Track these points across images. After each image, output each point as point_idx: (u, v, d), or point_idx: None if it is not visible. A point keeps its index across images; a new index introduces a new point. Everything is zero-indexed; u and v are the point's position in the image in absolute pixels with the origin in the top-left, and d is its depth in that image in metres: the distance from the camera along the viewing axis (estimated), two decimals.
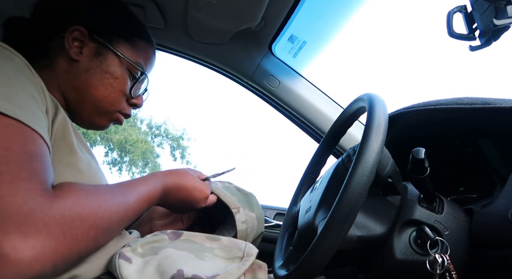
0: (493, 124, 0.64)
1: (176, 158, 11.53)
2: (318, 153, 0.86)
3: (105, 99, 0.68)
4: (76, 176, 0.54)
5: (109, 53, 0.68)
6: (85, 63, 0.66)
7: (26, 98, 0.48)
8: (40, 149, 0.46)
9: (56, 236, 0.40)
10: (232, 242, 0.58)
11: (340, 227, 0.49)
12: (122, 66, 0.69)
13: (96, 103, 0.68)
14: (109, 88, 0.68)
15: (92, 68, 0.67)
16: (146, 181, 0.60)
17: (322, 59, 1.29)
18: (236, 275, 0.50)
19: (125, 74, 0.69)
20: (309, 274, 0.53)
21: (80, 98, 0.67)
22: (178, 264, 0.49)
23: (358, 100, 0.71)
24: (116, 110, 0.71)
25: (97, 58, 0.67)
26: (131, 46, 0.71)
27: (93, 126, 0.73)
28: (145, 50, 0.74)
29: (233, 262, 0.53)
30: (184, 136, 11.74)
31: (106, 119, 0.72)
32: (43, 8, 0.69)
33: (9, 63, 0.51)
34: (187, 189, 0.66)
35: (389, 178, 0.62)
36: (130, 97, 0.73)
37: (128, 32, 0.71)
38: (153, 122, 11.94)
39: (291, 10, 0.97)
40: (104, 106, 0.69)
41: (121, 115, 0.74)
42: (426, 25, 52.69)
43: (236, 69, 1.18)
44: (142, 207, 0.56)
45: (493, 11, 0.55)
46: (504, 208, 0.50)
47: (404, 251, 0.57)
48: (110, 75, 0.67)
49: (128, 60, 0.69)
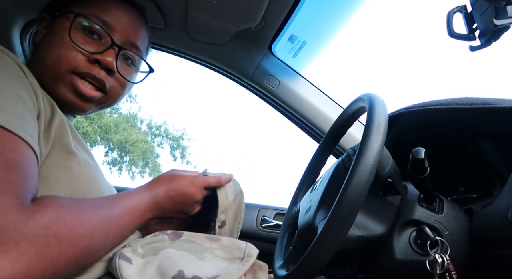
0: (493, 124, 0.64)
1: (176, 158, 11.53)
2: (318, 153, 0.86)
3: (51, 60, 0.62)
4: (73, 179, 0.53)
5: (57, 20, 0.66)
6: (41, 41, 0.67)
7: (11, 100, 0.45)
8: (21, 157, 0.42)
9: (28, 257, 0.36)
10: (233, 243, 0.58)
11: (340, 227, 0.49)
12: (68, 21, 0.63)
13: (47, 69, 0.62)
14: (53, 48, 0.62)
15: (43, 41, 0.66)
16: (131, 194, 0.57)
17: (322, 59, 1.29)
18: (236, 276, 0.50)
19: (72, 26, 0.63)
20: (309, 274, 0.53)
21: (39, 73, 0.61)
22: (178, 265, 0.49)
23: (358, 100, 0.71)
24: (67, 69, 0.62)
25: (49, 31, 0.66)
26: (82, 3, 0.66)
27: (61, 102, 0.64)
28: (100, 3, 0.67)
29: (233, 262, 0.53)
30: (184, 136, 11.74)
31: (63, 86, 0.63)
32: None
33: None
34: (178, 190, 0.63)
35: (389, 178, 0.62)
36: (87, 52, 0.63)
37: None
38: (153, 122, 11.94)
39: (291, 10, 0.97)
40: (53, 68, 0.62)
41: (79, 80, 0.63)
42: (426, 25, 52.67)
43: (236, 69, 1.18)
44: (129, 221, 0.54)
45: (493, 11, 0.55)
46: (504, 208, 0.50)
47: (404, 251, 0.57)
48: (53, 36, 0.63)
49: (70, 11, 0.63)
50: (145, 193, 0.59)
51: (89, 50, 0.63)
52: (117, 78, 0.68)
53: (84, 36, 0.63)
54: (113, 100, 0.71)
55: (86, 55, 0.63)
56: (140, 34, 0.71)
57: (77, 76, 0.63)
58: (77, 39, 0.62)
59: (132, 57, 0.71)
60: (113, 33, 0.66)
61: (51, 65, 0.62)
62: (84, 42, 0.63)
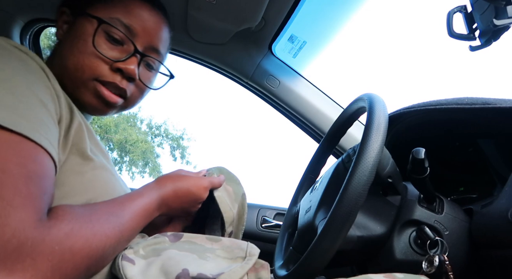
0: (493, 124, 0.64)
1: (176, 158, 11.55)
2: (318, 153, 0.86)
3: (74, 67, 0.61)
4: (88, 185, 0.53)
5: (80, 19, 0.63)
6: (63, 39, 0.65)
7: (34, 107, 0.45)
8: (42, 168, 0.42)
9: (43, 273, 0.37)
10: (234, 243, 0.58)
11: (340, 227, 0.49)
12: (90, 26, 0.62)
13: (69, 74, 0.61)
14: (76, 53, 0.61)
15: (65, 40, 0.64)
16: (141, 194, 0.57)
17: (322, 59, 1.29)
18: (240, 273, 0.50)
19: (96, 34, 0.61)
20: (309, 274, 0.53)
21: (60, 75, 0.61)
22: (182, 264, 0.49)
23: (358, 100, 0.71)
24: (90, 77, 0.61)
25: (71, 30, 0.64)
26: (105, 4, 0.64)
27: (83, 106, 0.64)
28: (124, 4, 0.65)
29: (235, 262, 0.53)
30: (184, 136, 11.75)
31: (86, 92, 0.62)
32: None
33: (21, 66, 0.48)
34: (185, 189, 0.64)
35: (389, 178, 0.62)
36: (109, 60, 0.62)
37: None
38: (153, 122, 11.95)
39: (291, 10, 0.97)
40: (75, 74, 0.61)
41: (101, 85, 0.63)
42: (426, 25, 52.64)
43: (236, 69, 1.18)
44: (139, 223, 0.54)
45: (493, 11, 0.55)
46: (504, 208, 0.50)
47: (404, 251, 0.57)
48: (77, 39, 0.61)
49: (93, 15, 0.62)
50: (153, 192, 0.59)
51: (111, 57, 0.62)
52: (137, 84, 0.68)
53: (107, 43, 0.63)
54: (131, 105, 0.71)
55: (109, 63, 0.62)
56: (163, 37, 0.70)
57: (100, 83, 0.63)
58: (101, 46, 0.62)
59: (153, 63, 0.71)
60: (136, 38, 0.65)
61: (74, 71, 0.61)
62: (107, 48, 0.62)
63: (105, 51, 0.62)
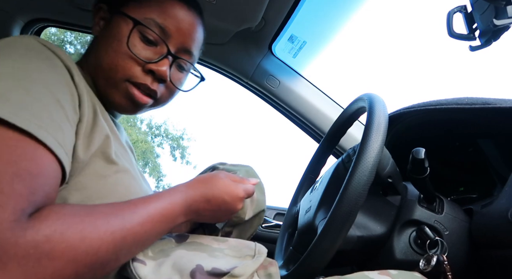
0: (493, 124, 0.64)
1: (176, 158, 11.54)
2: (318, 153, 0.86)
3: (107, 66, 0.61)
4: (110, 189, 0.52)
5: (115, 18, 0.63)
6: (98, 36, 0.65)
7: (49, 105, 0.44)
8: (37, 166, 0.40)
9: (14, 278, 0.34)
10: (241, 243, 0.57)
11: (340, 227, 0.49)
12: (125, 26, 0.61)
13: (102, 73, 0.62)
14: (110, 52, 0.61)
15: (100, 38, 0.64)
16: (162, 196, 0.52)
17: (322, 59, 1.29)
18: (253, 267, 0.50)
19: (128, 34, 0.61)
20: (309, 274, 0.53)
21: (93, 73, 0.62)
22: (195, 261, 0.49)
23: (358, 100, 0.71)
24: (123, 77, 0.61)
25: (106, 27, 0.64)
26: (141, 4, 0.64)
27: (113, 105, 0.64)
28: (159, 3, 0.64)
29: (244, 259, 0.53)
30: (184, 136, 11.74)
31: (117, 92, 0.63)
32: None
33: (44, 65, 0.48)
34: (218, 197, 0.57)
35: (389, 178, 0.62)
36: (142, 60, 0.62)
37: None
38: (153, 122, 11.95)
39: (291, 10, 0.97)
40: (108, 74, 0.61)
41: (133, 87, 0.62)
42: (426, 25, 52.63)
43: (236, 69, 1.18)
44: (154, 228, 0.49)
45: (493, 11, 0.55)
46: (504, 208, 0.50)
47: (404, 251, 0.57)
48: (112, 39, 0.61)
49: (128, 15, 0.61)
50: (177, 195, 0.54)
51: (144, 58, 0.62)
52: (167, 85, 0.68)
53: (141, 43, 0.62)
54: (161, 105, 0.71)
55: (142, 64, 0.62)
56: (196, 38, 0.70)
57: (132, 85, 0.63)
58: (135, 47, 0.61)
59: (184, 64, 0.70)
60: (169, 40, 0.64)
61: (107, 70, 0.61)
62: (140, 49, 0.62)
63: (138, 52, 0.61)
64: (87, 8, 1.05)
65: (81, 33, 7.91)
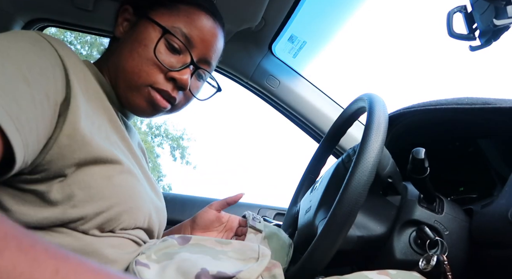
0: (493, 124, 0.64)
1: (176, 158, 11.53)
2: (318, 153, 0.86)
3: (131, 70, 0.62)
4: (113, 190, 0.52)
5: (142, 22, 0.64)
6: (123, 38, 0.65)
7: (11, 80, 0.40)
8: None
9: None
10: (244, 245, 0.57)
11: (340, 227, 0.49)
12: (153, 32, 0.62)
13: (125, 76, 0.62)
14: (136, 57, 0.62)
15: (125, 40, 0.64)
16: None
17: (322, 59, 1.29)
18: (258, 271, 0.50)
19: (155, 41, 0.62)
20: (309, 274, 0.53)
21: (115, 74, 0.63)
22: (200, 264, 0.48)
23: (358, 100, 0.71)
24: (146, 83, 0.62)
25: (132, 30, 0.65)
26: (169, 10, 0.64)
27: (131, 107, 0.65)
28: (188, 13, 0.65)
29: (249, 262, 0.53)
30: (184, 136, 11.74)
31: (139, 96, 0.63)
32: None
33: (29, 46, 0.46)
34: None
35: (389, 178, 0.62)
36: (166, 68, 0.62)
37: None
38: (153, 122, 11.94)
39: (291, 10, 0.97)
40: (131, 78, 0.62)
41: (155, 92, 0.63)
42: (426, 25, 52.66)
43: (236, 69, 1.18)
44: None
45: (493, 11, 0.55)
46: (504, 208, 0.50)
47: (404, 251, 0.57)
48: (138, 43, 0.62)
49: (156, 22, 0.62)
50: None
51: (168, 66, 0.63)
52: (186, 93, 0.69)
53: (167, 51, 0.63)
54: (176, 111, 0.72)
55: (165, 71, 0.63)
56: (217, 49, 0.71)
57: (154, 90, 0.63)
58: (161, 54, 0.62)
59: (203, 73, 0.71)
60: (193, 49, 0.65)
61: (130, 74, 0.62)
62: (166, 56, 0.63)
63: (163, 59, 0.62)
64: (87, 8, 1.05)
65: (80, 33, 7.90)
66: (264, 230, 0.72)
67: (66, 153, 0.47)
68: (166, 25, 0.62)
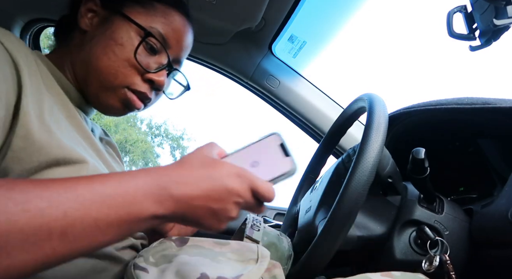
0: (493, 124, 0.64)
1: (176, 158, 11.54)
2: (318, 153, 0.86)
3: (107, 70, 0.59)
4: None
5: (116, 19, 0.61)
6: (92, 32, 0.61)
7: None
8: None
9: None
10: (243, 246, 0.56)
11: (340, 227, 0.49)
12: (130, 31, 0.60)
13: (98, 75, 0.59)
14: (111, 56, 0.59)
15: (97, 36, 0.60)
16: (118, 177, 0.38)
17: (322, 59, 1.29)
18: (258, 275, 0.49)
19: (133, 41, 0.59)
20: (309, 274, 0.53)
21: (85, 71, 0.60)
22: (199, 268, 0.47)
23: (358, 100, 0.71)
24: (122, 84, 0.60)
25: (104, 26, 0.61)
26: (146, 10, 0.62)
27: (104, 107, 0.64)
28: (165, 14, 0.63)
29: (248, 264, 0.52)
30: (184, 136, 11.75)
31: (114, 97, 0.61)
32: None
33: None
34: (219, 182, 0.40)
35: (389, 178, 0.62)
36: (143, 69, 0.61)
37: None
38: (153, 122, 11.95)
39: (291, 10, 0.97)
40: (106, 78, 0.59)
41: (132, 93, 0.62)
42: (426, 25, 52.68)
43: (236, 69, 1.18)
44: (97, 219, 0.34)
45: (493, 11, 0.55)
46: (504, 208, 0.50)
47: (404, 251, 0.57)
48: (114, 42, 0.59)
49: (135, 22, 0.60)
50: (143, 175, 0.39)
51: (146, 67, 0.62)
52: (158, 93, 0.68)
53: (145, 52, 0.62)
54: (144, 109, 0.71)
55: (142, 72, 0.62)
56: (189, 48, 0.71)
57: (131, 91, 0.62)
58: (139, 56, 0.61)
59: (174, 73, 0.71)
60: (169, 50, 0.65)
61: (106, 74, 0.59)
62: (144, 57, 0.61)
63: (141, 61, 0.61)
64: None
65: None
66: (263, 239, 0.68)
67: (24, 157, 0.43)
68: (143, 25, 0.61)
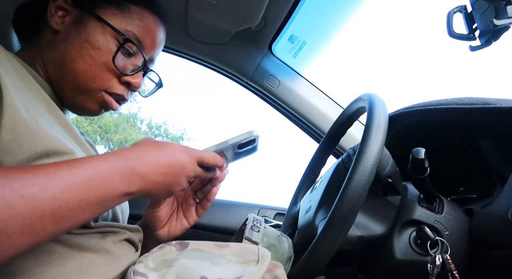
0: (493, 124, 0.64)
1: None
2: (318, 153, 0.86)
3: (84, 74, 0.58)
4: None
5: (90, 20, 0.60)
6: (64, 32, 0.60)
7: None
8: None
9: None
10: (243, 247, 0.56)
11: (340, 227, 0.49)
12: (106, 34, 0.59)
13: (75, 78, 0.58)
14: (88, 60, 0.58)
15: (71, 38, 0.59)
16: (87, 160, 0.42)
17: (322, 59, 1.29)
18: (258, 275, 0.49)
19: (110, 45, 0.59)
20: (309, 274, 0.53)
21: (59, 73, 0.59)
22: (199, 272, 0.47)
23: (358, 100, 0.71)
24: (100, 88, 0.60)
25: (77, 26, 0.60)
26: (121, 12, 0.61)
27: (79, 108, 0.63)
28: (140, 17, 0.63)
29: (249, 265, 0.52)
30: (184, 136, 11.75)
31: (91, 100, 0.61)
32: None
33: None
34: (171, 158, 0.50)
35: (389, 178, 0.62)
36: (120, 73, 0.61)
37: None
38: (153, 122, 11.95)
39: (291, 10, 0.97)
40: (83, 82, 0.59)
41: (109, 96, 0.62)
42: (426, 25, 52.71)
43: (236, 69, 1.18)
44: (74, 199, 0.38)
45: (493, 11, 0.55)
46: (504, 208, 0.50)
47: (404, 251, 0.57)
48: (90, 45, 0.58)
49: (112, 26, 0.59)
50: (114, 158, 0.44)
51: (122, 70, 0.62)
52: (132, 93, 0.69)
53: (121, 55, 0.62)
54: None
55: (119, 75, 0.62)
56: (161, 47, 0.72)
57: (108, 94, 0.63)
58: (117, 59, 0.60)
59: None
60: (144, 53, 0.65)
61: (82, 78, 0.59)
62: (121, 61, 0.62)
63: (119, 64, 0.61)
64: None
65: None
66: (262, 240, 0.68)
67: (13, 149, 0.43)
68: (119, 28, 0.60)
